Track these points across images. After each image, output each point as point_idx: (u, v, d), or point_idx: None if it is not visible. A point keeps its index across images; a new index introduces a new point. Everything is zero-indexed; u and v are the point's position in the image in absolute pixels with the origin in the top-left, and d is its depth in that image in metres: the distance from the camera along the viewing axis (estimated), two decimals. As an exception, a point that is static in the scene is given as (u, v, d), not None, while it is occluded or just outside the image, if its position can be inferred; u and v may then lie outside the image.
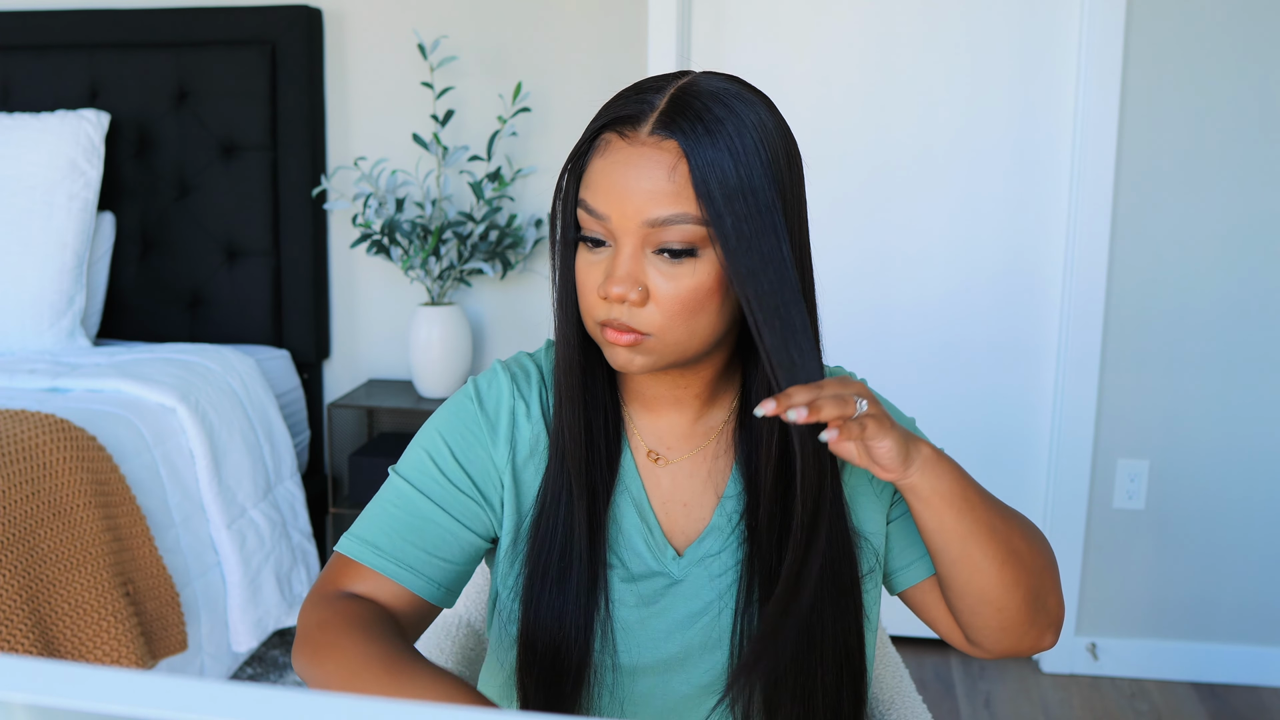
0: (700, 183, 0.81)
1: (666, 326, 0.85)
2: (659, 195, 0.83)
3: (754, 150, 0.83)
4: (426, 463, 0.94)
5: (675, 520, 0.96)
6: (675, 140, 0.82)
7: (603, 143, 0.86)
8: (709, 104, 0.83)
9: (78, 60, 2.66)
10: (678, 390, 0.95)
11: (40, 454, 1.77)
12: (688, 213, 0.82)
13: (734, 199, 0.82)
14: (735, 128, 0.83)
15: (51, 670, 0.38)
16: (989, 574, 0.89)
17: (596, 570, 0.92)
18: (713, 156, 0.82)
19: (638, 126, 0.84)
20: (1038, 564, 0.92)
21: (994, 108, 2.49)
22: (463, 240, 2.50)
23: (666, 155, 0.83)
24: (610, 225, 0.85)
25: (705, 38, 2.56)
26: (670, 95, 0.84)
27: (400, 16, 2.62)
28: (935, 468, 0.86)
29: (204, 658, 2.12)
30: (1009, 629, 0.91)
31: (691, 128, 0.82)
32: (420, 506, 0.93)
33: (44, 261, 2.42)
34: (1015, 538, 0.90)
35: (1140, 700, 2.45)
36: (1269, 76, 2.35)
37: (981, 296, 2.55)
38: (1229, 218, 2.40)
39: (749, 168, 0.82)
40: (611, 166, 0.84)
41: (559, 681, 0.91)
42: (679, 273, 0.84)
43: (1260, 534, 2.49)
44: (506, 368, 0.98)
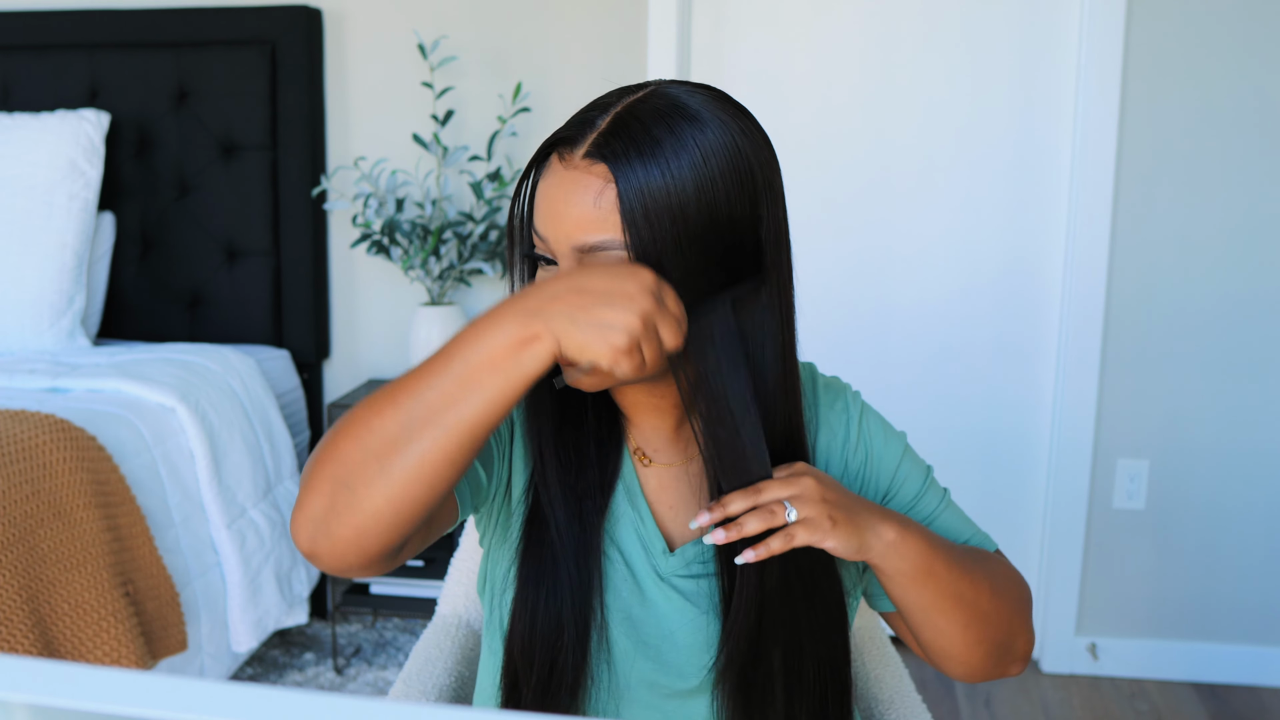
0: (626, 208, 0.79)
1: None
2: (585, 221, 0.81)
3: (689, 171, 0.80)
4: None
5: (664, 522, 0.97)
6: (605, 164, 0.81)
7: (548, 162, 0.85)
8: (650, 124, 0.81)
9: (78, 60, 2.66)
10: (655, 399, 0.94)
11: (40, 454, 1.77)
12: (614, 238, 0.81)
13: (663, 224, 0.80)
14: (672, 148, 0.80)
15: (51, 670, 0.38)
16: (952, 636, 0.91)
17: (590, 560, 0.92)
18: (642, 180, 0.79)
19: (574, 148, 0.83)
20: (1005, 615, 0.93)
21: (994, 108, 2.49)
22: (463, 240, 2.50)
23: (595, 179, 0.81)
24: (550, 246, 0.84)
25: (705, 38, 2.56)
26: (614, 115, 0.82)
27: (400, 16, 2.62)
28: (897, 549, 0.86)
29: (204, 658, 2.12)
30: (971, 673, 0.94)
31: (624, 150, 0.80)
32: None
33: (44, 261, 2.42)
34: (983, 599, 0.91)
35: (1140, 700, 2.45)
36: (1269, 76, 2.35)
37: (981, 297, 2.55)
38: (1229, 218, 2.40)
39: (681, 191, 0.79)
40: (548, 188, 0.84)
41: (547, 672, 0.91)
42: None
43: (1260, 534, 2.49)
44: None
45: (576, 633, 0.91)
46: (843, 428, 0.99)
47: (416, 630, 2.70)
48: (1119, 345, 2.46)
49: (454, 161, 2.57)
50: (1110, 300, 2.45)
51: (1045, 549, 2.57)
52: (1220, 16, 2.34)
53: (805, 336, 0.92)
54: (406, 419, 0.75)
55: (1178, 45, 2.36)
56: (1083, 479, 2.50)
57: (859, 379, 1.08)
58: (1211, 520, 2.50)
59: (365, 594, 2.54)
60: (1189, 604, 2.53)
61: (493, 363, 0.75)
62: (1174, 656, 2.54)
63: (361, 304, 2.75)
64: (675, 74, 2.50)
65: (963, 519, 1.01)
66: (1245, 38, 2.34)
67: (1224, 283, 2.42)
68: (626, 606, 0.93)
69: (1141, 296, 2.45)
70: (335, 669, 2.50)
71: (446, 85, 2.58)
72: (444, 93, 2.53)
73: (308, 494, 0.77)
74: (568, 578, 0.91)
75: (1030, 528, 2.61)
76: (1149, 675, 2.55)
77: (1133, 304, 2.45)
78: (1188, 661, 2.53)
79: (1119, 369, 2.47)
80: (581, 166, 0.82)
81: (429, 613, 2.51)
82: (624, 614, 0.93)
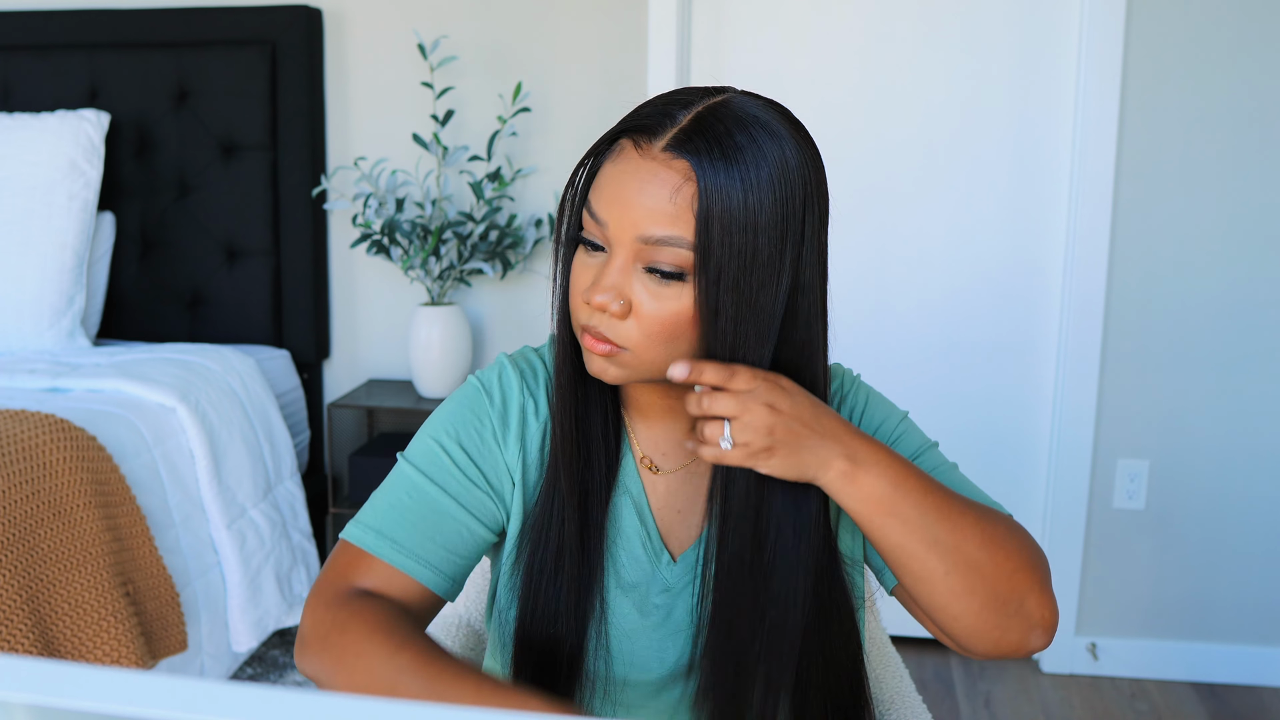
0: (703, 210, 0.80)
1: (643, 344, 0.84)
2: (658, 214, 0.81)
3: (768, 186, 0.80)
4: (438, 452, 0.93)
5: (672, 527, 0.96)
6: (687, 160, 0.81)
7: (618, 147, 0.85)
8: (732, 129, 0.81)
9: (78, 60, 2.66)
10: (669, 399, 0.94)
11: (40, 454, 1.77)
12: (683, 236, 0.81)
13: (732, 232, 0.80)
14: (754, 158, 0.80)
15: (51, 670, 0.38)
16: (933, 582, 0.85)
17: (592, 573, 0.91)
18: (723, 183, 0.80)
19: (654, 139, 0.82)
20: (1001, 567, 0.87)
21: (994, 107, 2.49)
22: (463, 240, 2.50)
23: (674, 174, 0.81)
24: (607, 232, 0.84)
25: (705, 38, 2.56)
26: (695, 113, 0.82)
27: (400, 16, 2.62)
28: (853, 480, 0.83)
29: (204, 658, 2.12)
30: (977, 633, 0.87)
31: (707, 150, 0.80)
32: (433, 498, 0.91)
33: (44, 261, 2.42)
34: (969, 545, 0.86)
35: (1140, 700, 2.45)
36: (1268, 75, 2.35)
37: (981, 296, 2.55)
38: (1229, 216, 2.40)
39: (758, 203, 0.80)
40: (619, 174, 0.83)
41: (553, 684, 0.91)
42: (665, 294, 0.83)
43: (1260, 534, 2.49)
44: (514, 363, 0.97)
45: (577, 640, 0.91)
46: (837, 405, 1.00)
47: (416, 630, 2.70)
48: (1119, 345, 2.46)
49: (454, 161, 2.57)
50: (1110, 300, 2.45)
51: (1045, 549, 2.57)
52: (1219, 15, 2.34)
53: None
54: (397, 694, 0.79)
55: (1177, 44, 2.36)
56: (1083, 479, 2.50)
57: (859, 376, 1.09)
58: (1211, 520, 2.50)
59: (365, 594, 2.53)
60: (1189, 604, 2.53)
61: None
62: (1174, 656, 2.54)
63: (361, 304, 2.75)
64: (675, 74, 2.50)
65: (969, 486, 0.97)
66: (1244, 37, 2.34)
67: (1224, 282, 2.42)
68: (630, 619, 0.93)
69: (1142, 296, 2.45)
70: (335, 669, 2.50)
71: (446, 85, 2.58)
72: (444, 93, 2.53)
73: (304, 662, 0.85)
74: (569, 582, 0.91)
75: (1030, 527, 2.61)
76: (1149, 675, 2.55)
77: (1133, 303, 2.45)
78: (1187, 661, 2.53)
79: (1119, 368, 2.47)
80: (661, 159, 0.81)
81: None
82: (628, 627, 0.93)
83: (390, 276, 2.72)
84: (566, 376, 0.92)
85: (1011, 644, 0.88)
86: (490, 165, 2.57)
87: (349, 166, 2.66)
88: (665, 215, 0.81)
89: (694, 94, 0.85)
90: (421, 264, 2.50)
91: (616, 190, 0.83)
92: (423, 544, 0.90)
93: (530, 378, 0.97)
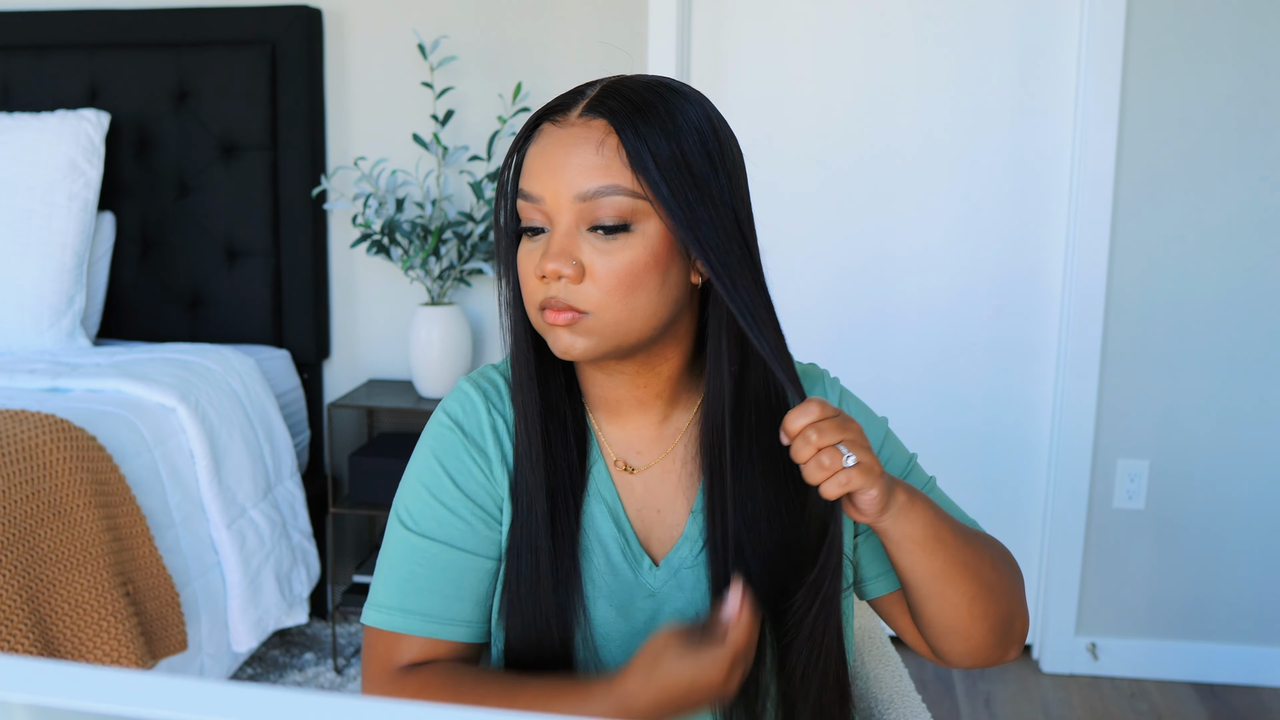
0: (634, 154, 0.83)
1: (604, 304, 0.85)
2: (587, 169, 0.84)
3: (688, 131, 0.84)
4: (430, 503, 0.92)
5: (651, 528, 0.95)
6: (604, 119, 0.84)
7: (538, 133, 0.88)
8: (640, 90, 0.86)
9: (78, 60, 2.66)
10: (638, 390, 0.93)
11: (40, 454, 1.77)
12: (617, 184, 0.83)
13: (669, 169, 0.83)
14: (666, 111, 0.85)
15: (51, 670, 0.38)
16: (959, 608, 0.89)
17: (570, 583, 0.91)
18: (644, 130, 0.83)
19: (568, 111, 0.86)
20: (1008, 593, 0.92)
21: (994, 105, 2.49)
22: (463, 240, 2.50)
23: (594, 132, 0.84)
24: (544, 207, 0.86)
25: (705, 38, 2.56)
26: (603, 85, 0.87)
27: (400, 16, 2.62)
28: (909, 513, 0.85)
29: (204, 658, 2.12)
30: (973, 652, 0.92)
31: (620, 107, 0.84)
32: (441, 556, 0.90)
33: (44, 261, 2.42)
34: (986, 570, 0.90)
35: (1140, 700, 2.45)
36: (1269, 74, 2.35)
37: (981, 295, 2.55)
38: (1229, 216, 2.40)
39: (684, 142, 0.84)
40: (542, 150, 0.86)
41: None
42: (613, 248, 0.84)
43: (1260, 534, 2.49)
44: (474, 384, 0.96)
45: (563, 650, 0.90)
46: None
47: (416, 630, 2.70)
48: (1119, 345, 2.46)
49: (454, 161, 2.57)
50: (1110, 300, 2.45)
51: (1045, 549, 2.57)
52: (1220, 14, 2.34)
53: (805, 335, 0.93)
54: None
55: (1178, 43, 2.36)
56: (1083, 479, 2.50)
57: (858, 378, 1.08)
58: (1211, 520, 2.50)
59: (365, 594, 2.53)
60: (1189, 604, 2.53)
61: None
62: (1174, 656, 2.54)
63: (361, 304, 2.75)
64: (675, 73, 2.50)
65: (949, 503, 1.00)
66: (1245, 35, 2.34)
67: (1224, 282, 2.42)
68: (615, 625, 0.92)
69: (1142, 296, 2.45)
70: (335, 669, 2.50)
71: (446, 85, 2.58)
72: (444, 93, 2.53)
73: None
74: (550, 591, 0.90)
75: (1030, 528, 2.61)
76: (1149, 675, 2.55)
77: (1133, 303, 2.45)
78: (1187, 661, 2.53)
79: (1119, 368, 2.47)
80: (579, 123, 0.85)
81: (429, 613, 2.51)
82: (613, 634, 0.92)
83: (390, 276, 2.72)
84: (526, 375, 0.92)
85: (995, 659, 0.94)
86: (490, 165, 2.57)
87: (349, 166, 2.66)
88: (595, 168, 0.84)
89: (597, 80, 0.89)
90: (421, 264, 2.50)
91: (546, 162, 0.86)
92: (448, 605, 0.90)
93: (494, 395, 0.96)
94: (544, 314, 0.86)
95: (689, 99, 0.87)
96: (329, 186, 2.62)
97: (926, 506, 0.86)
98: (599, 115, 0.84)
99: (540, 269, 0.85)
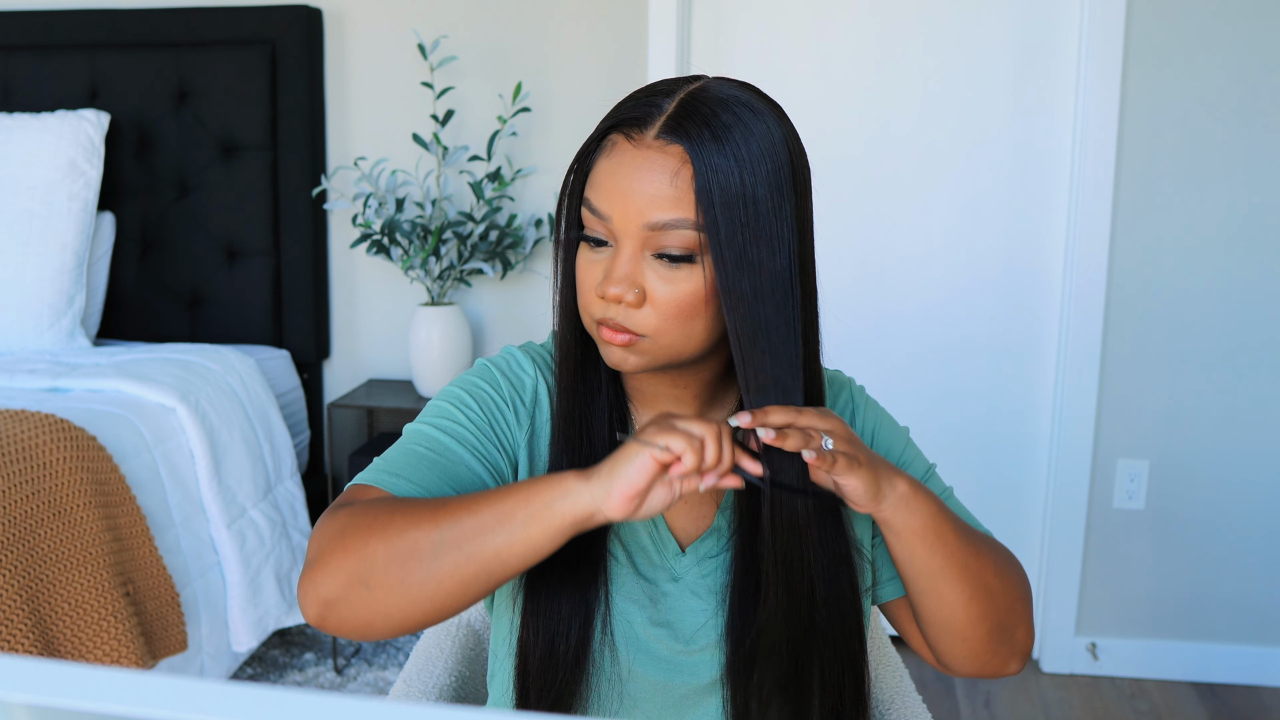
0: (702, 189, 0.82)
1: (661, 329, 0.85)
2: (660, 199, 0.83)
3: (760, 158, 0.83)
4: (448, 408, 0.93)
5: (678, 518, 0.97)
6: (680, 145, 0.82)
7: (609, 143, 0.86)
8: (717, 110, 0.83)
9: (78, 60, 2.66)
10: (677, 389, 0.95)
11: (40, 454, 1.77)
12: (687, 218, 0.83)
13: (734, 206, 0.82)
14: (742, 135, 0.83)
15: (51, 670, 0.38)
16: (956, 607, 0.90)
17: (595, 569, 0.92)
18: (717, 163, 0.82)
19: (644, 129, 0.84)
20: (1009, 598, 0.93)
21: (994, 103, 2.49)
22: (463, 240, 2.50)
23: (670, 159, 0.83)
24: (612, 226, 0.85)
25: (705, 38, 2.56)
26: (679, 99, 0.84)
27: (400, 16, 2.62)
28: (909, 504, 0.86)
29: (204, 658, 2.12)
30: (971, 656, 0.93)
31: (698, 133, 0.82)
32: (443, 442, 0.91)
33: (44, 261, 2.42)
34: (988, 573, 0.91)
35: (1140, 700, 2.45)
36: (1269, 71, 2.35)
37: (981, 295, 2.55)
38: (1230, 215, 2.40)
39: (753, 175, 0.82)
40: (616, 167, 0.85)
41: (557, 676, 0.91)
42: (677, 277, 0.84)
43: (1260, 534, 2.49)
44: (524, 350, 0.98)
45: (582, 634, 0.91)
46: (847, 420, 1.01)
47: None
48: (1119, 345, 2.46)
49: (454, 161, 2.57)
50: (1110, 299, 2.45)
51: (1045, 549, 2.57)
52: (1220, 14, 2.34)
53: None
54: (439, 538, 0.78)
55: (1178, 39, 2.36)
56: (1083, 479, 2.50)
57: (857, 376, 1.08)
58: (1211, 520, 2.50)
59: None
60: (1189, 604, 2.53)
61: (529, 505, 0.77)
62: (1173, 656, 2.54)
63: (361, 304, 2.75)
64: (675, 74, 2.50)
65: (963, 511, 1.01)
66: (1246, 32, 2.34)
67: (1225, 281, 2.42)
68: (636, 610, 0.93)
69: (1142, 295, 2.45)
70: (335, 669, 2.50)
71: (446, 85, 2.58)
72: (444, 93, 2.53)
73: (322, 574, 0.80)
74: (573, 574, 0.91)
75: (1030, 528, 2.61)
76: (1149, 675, 2.55)
77: (1133, 303, 2.45)
78: (1187, 661, 2.53)
79: (1119, 368, 2.47)
80: (655, 146, 0.83)
81: (429, 613, 2.51)
82: (634, 618, 0.93)
83: (390, 276, 2.72)
84: (571, 373, 0.93)
85: (994, 668, 0.95)
86: (490, 165, 2.57)
87: (349, 166, 2.66)
88: (668, 199, 0.83)
89: (672, 84, 0.87)
90: (421, 264, 2.50)
91: (616, 182, 0.84)
92: (429, 478, 0.89)
93: (542, 363, 0.98)
94: (600, 329, 0.87)
95: (767, 120, 0.85)
96: (329, 186, 2.61)
97: (929, 500, 0.87)
98: (676, 139, 0.83)
99: (602, 289, 0.85)
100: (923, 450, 1.07)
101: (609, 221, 0.85)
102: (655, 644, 0.93)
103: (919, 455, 1.03)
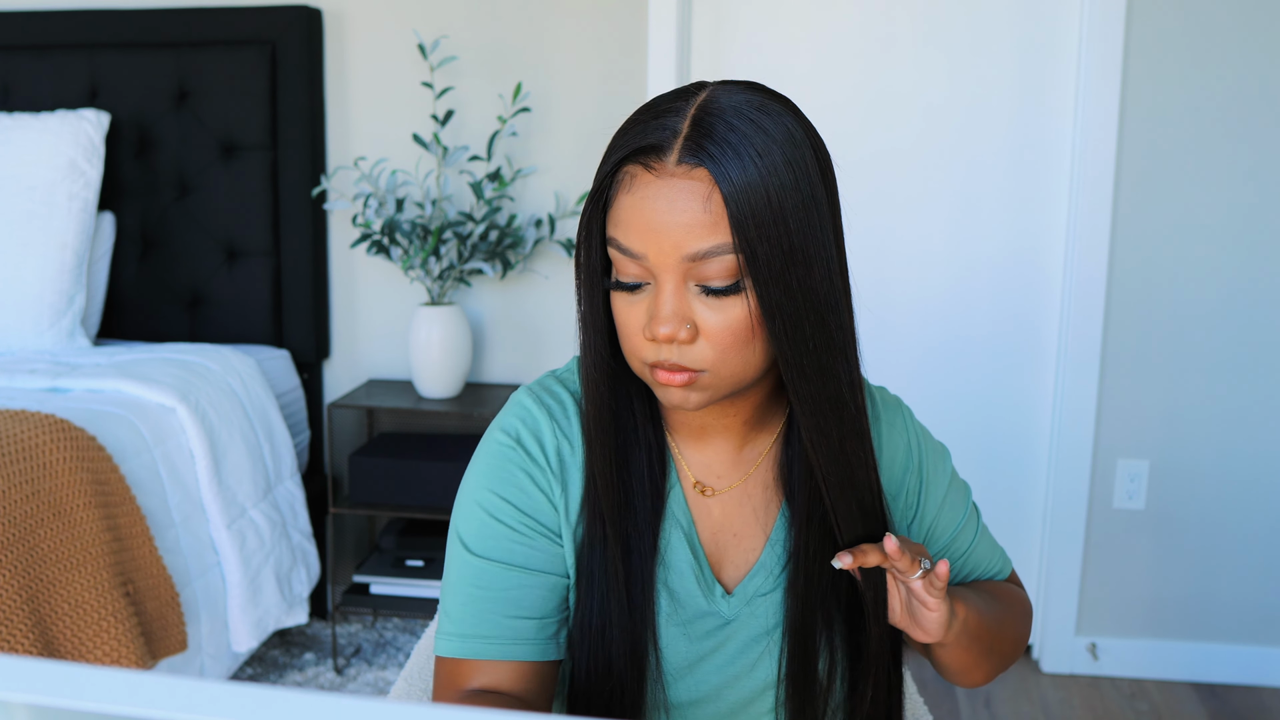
0: (735, 215, 0.77)
1: (720, 360, 0.81)
2: (696, 228, 0.78)
3: (784, 167, 0.79)
4: (487, 521, 0.89)
5: (726, 552, 0.94)
6: (705, 168, 0.78)
7: (627, 176, 0.81)
8: (733, 121, 0.78)
9: (78, 60, 2.66)
10: (725, 418, 0.91)
11: (40, 454, 1.77)
12: (725, 242, 0.78)
13: (766, 226, 0.78)
14: (764, 144, 0.78)
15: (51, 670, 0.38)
16: (975, 675, 0.96)
17: (643, 617, 0.89)
18: (745, 182, 0.77)
19: (663, 156, 0.79)
20: (1019, 648, 1.01)
21: (994, 104, 2.49)
22: (463, 240, 2.50)
23: (699, 184, 0.78)
24: (648, 263, 0.80)
25: (705, 38, 2.56)
26: (691, 117, 0.79)
27: (400, 16, 2.62)
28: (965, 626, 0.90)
29: (204, 658, 2.12)
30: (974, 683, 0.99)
31: (720, 151, 0.77)
32: (501, 577, 0.88)
33: (44, 261, 2.42)
34: (1007, 643, 0.98)
35: (1140, 700, 2.45)
36: (1270, 70, 2.35)
37: (981, 294, 2.55)
38: (1230, 215, 2.40)
39: (780, 188, 0.78)
40: (641, 202, 0.80)
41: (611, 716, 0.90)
42: (725, 304, 0.80)
43: (1260, 534, 2.49)
44: (537, 400, 0.92)
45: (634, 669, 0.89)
46: (903, 451, 0.98)
47: (416, 630, 2.70)
48: (1119, 345, 2.46)
49: (454, 161, 2.57)
50: (1110, 299, 2.45)
51: (1045, 549, 2.57)
52: (1220, 14, 2.34)
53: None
54: None
55: (1179, 38, 2.36)
56: (1083, 479, 2.50)
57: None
58: (1211, 520, 2.50)
59: (365, 594, 2.54)
60: (1189, 604, 2.53)
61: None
62: (1173, 656, 2.54)
63: (361, 304, 2.75)
64: (675, 74, 2.50)
65: (991, 545, 1.03)
66: (1247, 30, 2.34)
67: (1225, 282, 2.42)
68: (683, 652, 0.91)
69: (1142, 295, 2.45)
70: (335, 669, 2.50)
71: (446, 85, 2.58)
72: (444, 93, 2.53)
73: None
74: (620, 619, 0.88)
75: (1030, 528, 2.61)
76: (1149, 675, 2.55)
77: (1133, 303, 2.45)
78: (1187, 661, 2.53)
79: (1119, 368, 2.47)
80: (679, 173, 0.78)
81: (429, 613, 2.51)
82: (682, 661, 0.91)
83: (390, 276, 2.72)
84: (605, 420, 0.88)
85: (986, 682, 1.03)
86: (490, 165, 2.57)
87: (349, 166, 2.66)
88: (704, 227, 0.78)
89: (677, 100, 0.82)
90: (421, 264, 2.50)
91: (645, 218, 0.80)
92: (511, 626, 0.87)
93: (559, 413, 0.92)
94: (655, 372, 0.83)
95: (784, 118, 0.81)
96: (329, 186, 2.61)
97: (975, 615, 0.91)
98: (699, 163, 0.78)
99: (651, 332, 0.81)
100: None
101: (644, 260, 0.80)
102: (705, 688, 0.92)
103: (959, 491, 1.01)
